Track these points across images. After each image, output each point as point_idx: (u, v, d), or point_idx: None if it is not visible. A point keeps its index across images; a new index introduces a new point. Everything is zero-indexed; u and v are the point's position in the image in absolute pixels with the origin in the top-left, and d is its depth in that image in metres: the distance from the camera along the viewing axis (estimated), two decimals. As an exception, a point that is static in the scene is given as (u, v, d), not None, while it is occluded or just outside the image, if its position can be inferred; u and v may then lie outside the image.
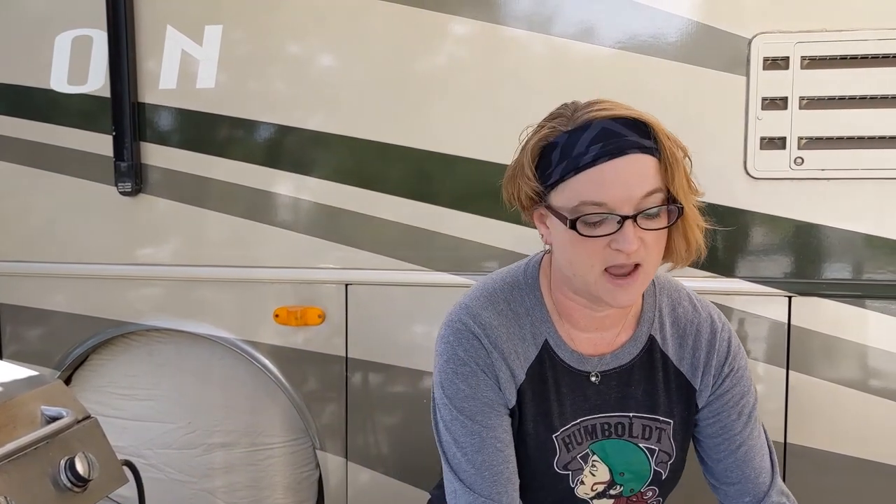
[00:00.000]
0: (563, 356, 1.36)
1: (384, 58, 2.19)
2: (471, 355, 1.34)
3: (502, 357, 1.34)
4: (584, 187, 1.20)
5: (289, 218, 2.28)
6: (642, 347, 1.38)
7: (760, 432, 1.45)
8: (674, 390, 1.39)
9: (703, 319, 1.40)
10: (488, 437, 1.34)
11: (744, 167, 2.00)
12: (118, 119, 2.32)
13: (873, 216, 1.97)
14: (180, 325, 2.38)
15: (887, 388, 2.00)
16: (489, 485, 1.33)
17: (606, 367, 1.37)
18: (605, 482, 1.40)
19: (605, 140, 1.19)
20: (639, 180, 1.19)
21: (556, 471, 1.37)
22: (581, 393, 1.36)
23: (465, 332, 1.34)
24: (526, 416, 1.36)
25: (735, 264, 2.03)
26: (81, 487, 1.35)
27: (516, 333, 1.35)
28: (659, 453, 1.39)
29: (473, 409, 1.34)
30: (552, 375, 1.36)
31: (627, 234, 1.18)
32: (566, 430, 1.37)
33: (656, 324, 1.39)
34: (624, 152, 1.19)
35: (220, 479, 2.45)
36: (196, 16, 2.29)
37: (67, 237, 2.43)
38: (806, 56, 1.95)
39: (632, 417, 1.38)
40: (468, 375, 1.34)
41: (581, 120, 1.22)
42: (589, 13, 2.07)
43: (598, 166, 1.19)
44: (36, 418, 1.39)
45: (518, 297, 1.37)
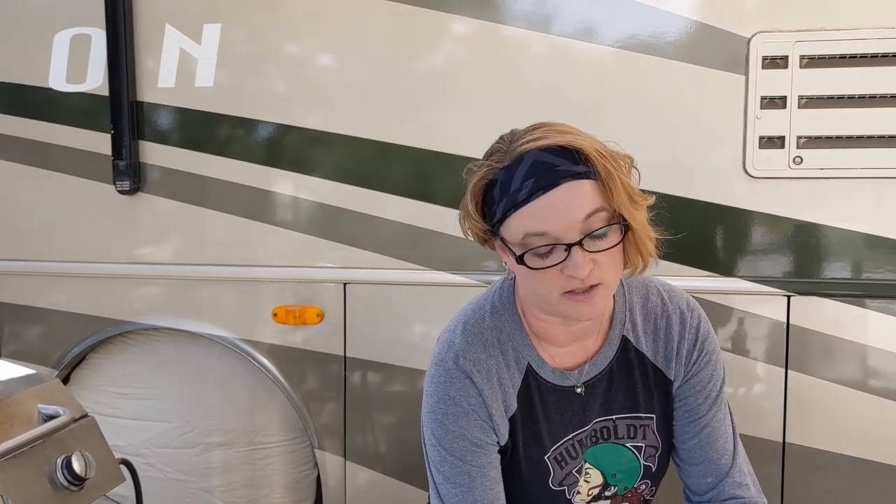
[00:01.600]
0: (546, 376, 1.38)
1: (383, 57, 2.19)
2: (463, 395, 1.34)
3: (493, 391, 1.35)
4: (524, 222, 1.21)
5: (288, 217, 2.28)
6: (616, 349, 1.40)
7: (726, 414, 1.47)
8: (652, 386, 1.41)
9: (672, 310, 1.42)
10: (478, 475, 1.35)
11: (742, 166, 2.00)
12: (117, 118, 2.32)
13: (872, 215, 1.96)
14: (179, 324, 2.38)
15: (886, 387, 2.00)
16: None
17: (587, 377, 1.39)
18: (599, 485, 1.42)
19: (537, 174, 1.20)
20: (576, 207, 1.20)
21: (552, 489, 1.40)
22: (568, 408, 1.38)
23: (457, 373, 1.35)
24: (518, 443, 1.38)
25: (734, 264, 2.03)
26: (78, 486, 1.34)
27: (503, 363, 1.36)
28: (646, 448, 1.42)
29: (463, 450, 1.35)
30: (538, 397, 1.38)
31: (577, 260, 1.19)
32: (557, 449, 1.39)
33: (628, 324, 1.41)
34: (556, 183, 1.20)
35: (218, 478, 2.45)
36: (195, 14, 2.28)
37: (65, 236, 2.43)
38: (805, 55, 1.95)
39: (615, 420, 1.40)
40: (459, 416, 1.35)
41: (514, 154, 1.23)
42: (588, 12, 2.06)
43: (533, 202, 1.20)
44: (33, 417, 1.39)
45: (499, 323, 1.38)
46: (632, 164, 1.28)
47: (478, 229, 1.29)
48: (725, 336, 2.06)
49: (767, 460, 2.05)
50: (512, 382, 1.36)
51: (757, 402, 2.06)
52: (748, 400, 2.07)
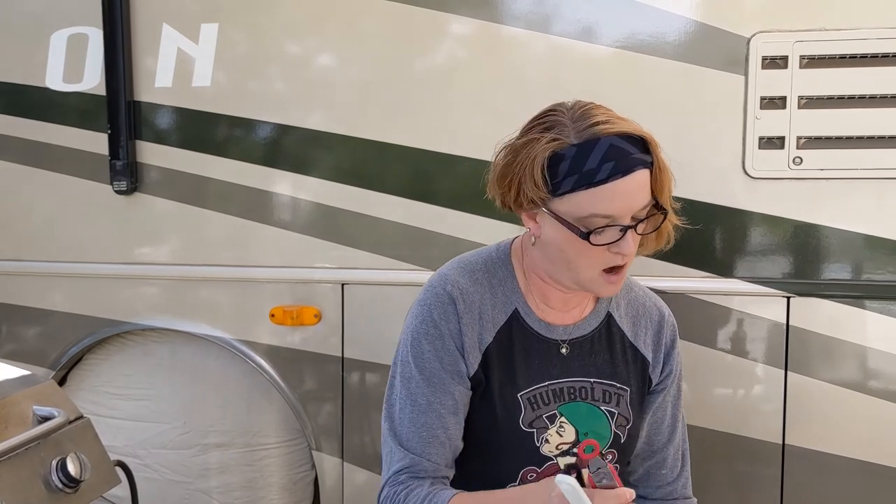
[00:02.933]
0: (532, 324, 1.48)
1: (382, 57, 2.18)
2: (443, 319, 1.44)
3: (472, 321, 1.44)
4: (595, 201, 1.30)
5: (285, 217, 2.27)
6: (601, 321, 1.52)
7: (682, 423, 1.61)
8: (630, 362, 1.52)
9: (650, 305, 1.57)
10: (435, 401, 1.43)
11: (742, 167, 2.00)
12: (114, 117, 2.31)
13: (872, 216, 1.96)
14: (176, 325, 2.37)
15: (886, 389, 1.99)
16: (423, 444, 1.43)
17: (571, 337, 1.50)
18: (571, 442, 1.48)
19: (616, 158, 1.30)
20: (641, 195, 1.33)
21: (521, 428, 1.45)
22: (548, 359, 1.48)
23: (444, 296, 1.45)
24: (492, 377, 1.46)
25: (733, 264, 2.03)
26: (73, 488, 1.33)
27: (489, 300, 1.46)
28: (618, 417, 1.50)
29: (431, 372, 1.44)
30: (520, 341, 1.47)
31: (629, 241, 1.33)
32: (532, 391, 1.47)
33: (613, 303, 1.54)
34: (632, 170, 1.31)
35: (215, 479, 2.44)
36: (192, 14, 2.28)
37: (62, 236, 2.42)
38: (805, 55, 1.94)
39: (593, 382, 1.49)
40: (435, 338, 1.44)
41: (588, 134, 1.31)
42: (588, 12, 2.06)
43: (610, 183, 1.30)
44: (27, 418, 1.38)
45: (492, 269, 1.50)
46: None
47: (534, 194, 1.34)
48: (725, 337, 2.06)
49: (767, 462, 2.05)
50: (493, 320, 1.46)
51: (757, 403, 2.06)
52: (748, 401, 2.07)
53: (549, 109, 1.39)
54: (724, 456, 2.09)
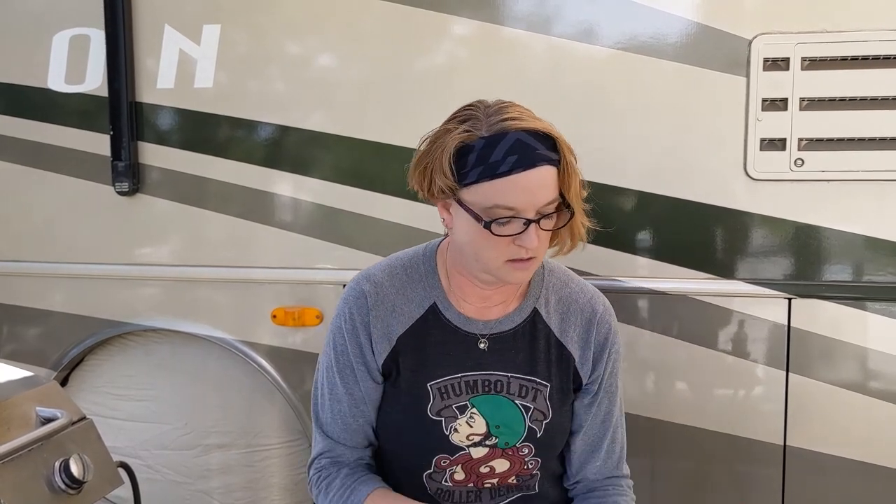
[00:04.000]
0: (450, 317, 1.52)
1: (383, 57, 2.18)
2: (356, 312, 1.51)
3: (383, 314, 1.51)
4: (497, 192, 1.35)
5: (287, 218, 2.28)
6: (526, 318, 1.54)
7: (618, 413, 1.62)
8: (553, 358, 1.54)
9: (584, 302, 1.57)
10: (348, 390, 1.53)
11: (744, 168, 2.00)
12: (116, 118, 2.32)
13: (874, 218, 1.96)
14: (177, 326, 2.37)
15: (888, 390, 2.00)
16: (339, 430, 1.55)
17: (491, 332, 1.53)
18: (482, 434, 1.51)
19: (520, 152, 1.35)
20: (544, 190, 1.37)
21: (429, 416, 1.50)
22: (465, 352, 1.51)
23: (357, 291, 1.52)
24: (404, 366, 1.51)
25: (735, 266, 2.03)
26: (76, 489, 1.34)
27: (404, 295, 1.52)
28: (534, 411, 1.52)
29: (344, 363, 1.52)
30: (437, 333, 1.51)
31: (531, 234, 1.36)
32: (443, 381, 1.51)
33: (542, 299, 1.55)
34: (535, 164, 1.35)
35: (216, 480, 2.44)
36: (194, 15, 2.28)
37: (64, 237, 2.43)
38: (806, 57, 1.94)
39: (510, 377, 1.52)
40: (348, 332, 1.52)
41: (496, 128, 1.37)
42: (589, 14, 2.06)
43: (512, 176, 1.34)
44: (30, 419, 1.38)
45: (414, 265, 1.55)
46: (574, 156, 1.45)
47: (444, 184, 1.40)
48: (726, 339, 2.06)
49: (768, 463, 2.05)
50: (409, 313, 1.51)
51: (758, 404, 2.06)
52: (749, 403, 2.07)
53: (468, 104, 1.44)
54: (726, 457, 2.09)
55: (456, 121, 1.42)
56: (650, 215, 2.06)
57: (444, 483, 1.56)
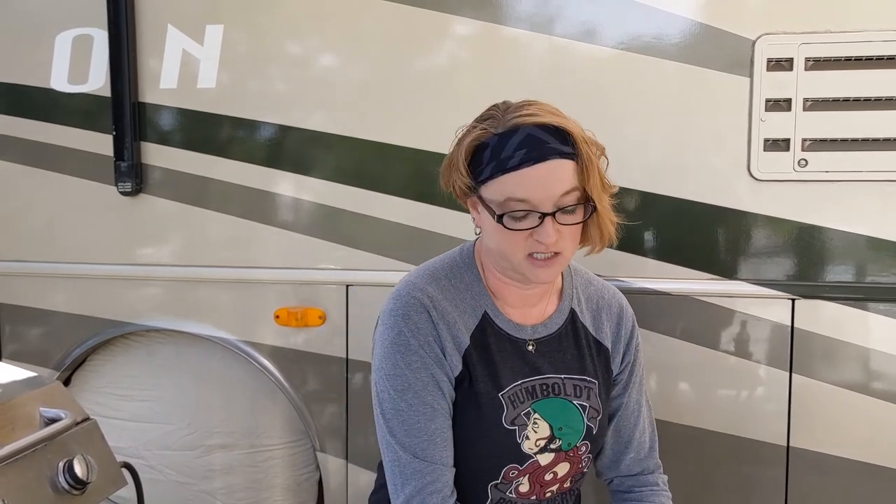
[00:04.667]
0: (502, 325, 1.52)
1: (385, 57, 2.18)
2: (420, 326, 1.46)
3: (447, 327, 1.48)
4: (510, 186, 1.37)
5: (289, 218, 2.27)
6: (566, 318, 1.56)
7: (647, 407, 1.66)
8: (594, 355, 1.58)
9: (609, 298, 1.62)
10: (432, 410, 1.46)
11: (747, 169, 1.99)
12: (118, 119, 2.32)
13: (877, 218, 1.96)
14: (180, 326, 2.37)
15: (892, 391, 1.99)
16: (440, 449, 1.47)
17: (538, 336, 1.54)
18: (546, 437, 1.51)
19: (530, 146, 1.36)
20: (557, 182, 1.37)
21: (504, 426, 1.49)
22: (519, 358, 1.52)
23: (416, 305, 1.47)
24: (476, 377, 1.49)
25: (738, 266, 2.02)
26: (80, 490, 1.34)
27: (458, 306, 1.50)
28: (589, 409, 1.55)
29: (425, 380, 1.46)
30: (495, 341, 1.51)
31: (547, 228, 1.37)
32: (511, 389, 1.50)
33: (575, 299, 1.59)
34: (545, 158, 1.36)
35: (219, 480, 2.44)
36: (197, 15, 2.28)
37: (67, 237, 2.43)
38: (810, 57, 1.94)
39: (564, 378, 1.53)
40: (423, 346, 1.46)
41: (510, 124, 1.38)
42: (592, 14, 2.06)
43: (522, 170, 1.36)
44: (34, 420, 1.38)
45: (458, 274, 1.53)
46: (603, 152, 1.44)
47: (462, 183, 1.43)
48: (729, 339, 2.05)
49: (772, 464, 2.05)
50: (465, 324, 1.49)
51: (761, 405, 2.06)
52: (752, 403, 2.06)
53: (493, 105, 1.46)
54: (729, 458, 2.08)
55: (477, 120, 1.45)
56: (653, 216, 2.06)
57: (509, 494, 1.54)
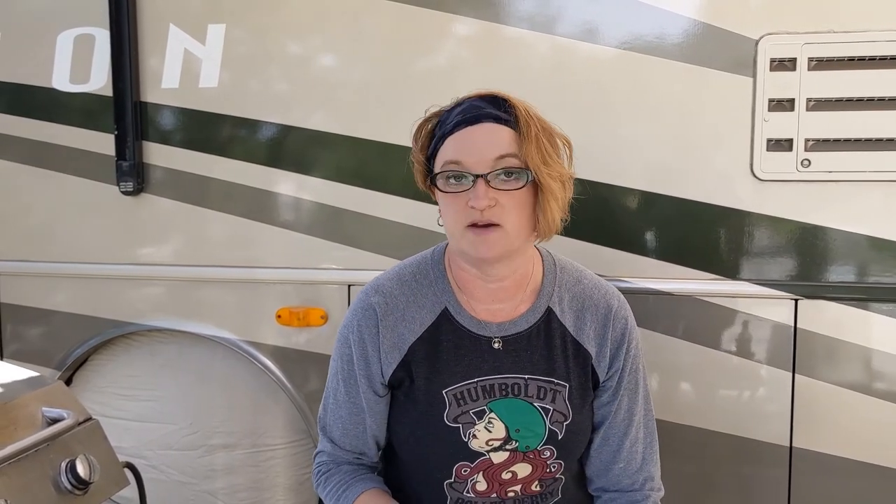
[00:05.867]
0: (462, 321, 1.50)
1: (387, 57, 2.18)
2: (363, 325, 1.51)
3: (393, 324, 1.50)
4: (446, 151, 1.40)
5: (291, 218, 2.27)
6: (539, 317, 1.51)
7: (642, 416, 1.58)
8: (571, 357, 1.51)
9: (598, 298, 1.54)
10: (350, 399, 1.54)
11: (750, 169, 1.99)
12: (120, 118, 2.31)
13: (880, 219, 1.95)
14: (182, 326, 2.37)
15: (894, 391, 1.99)
16: (340, 434, 1.57)
17: (505, 333, 1.50)
18: (501, 438, 1.49)
19: (466, 111, 1.41)
20: (490, 145, 1.38)
21: (446, 423, 1.48)
22: (479, 355, 1.49)
23: (366, 303, 1.52)
24: (418, 375, 1.49)
25: (741, 267, 2.02)
26: (82, 490, 1.34)
27: (414, 301, 1.51)
28: (553, 413, 1.50)
29: (348, 373, 1.53)
30: (450, 338, 1.49)
31: (479, 190, 1.36)
32: (458, 387, 1.48)
33: (555, 297, 1.53)
34: (479, 120, 1.39)
35: (221, 480, 2.44)
36: (199, 14, 2.28)
37: (69, 236, 2.42)
38: (813, 57, 1.94)
39: (527, 379, 1.49)
40: (355, 343, 1.51)
41: (457, 101, 1.45)
42: (594, 14, 2.06)
43: (457, 132, 1.40)
44: (37, 420, 1.38)
45: (424, 270, 1.54)
46: (566, 142, 1.46)
47: (418, 164, 1.47)
48: (732, 339, 2.05)
49: (774, 464, 2.05)
50: (420, 320, 1.50)
51: (764, 405, 2.05)
52: (755, 404, 2.06)
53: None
54: (731, 458, 2.08)
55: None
56: (656, 216, 2.05)
57: (467, 494, 1.53)
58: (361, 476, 1.55)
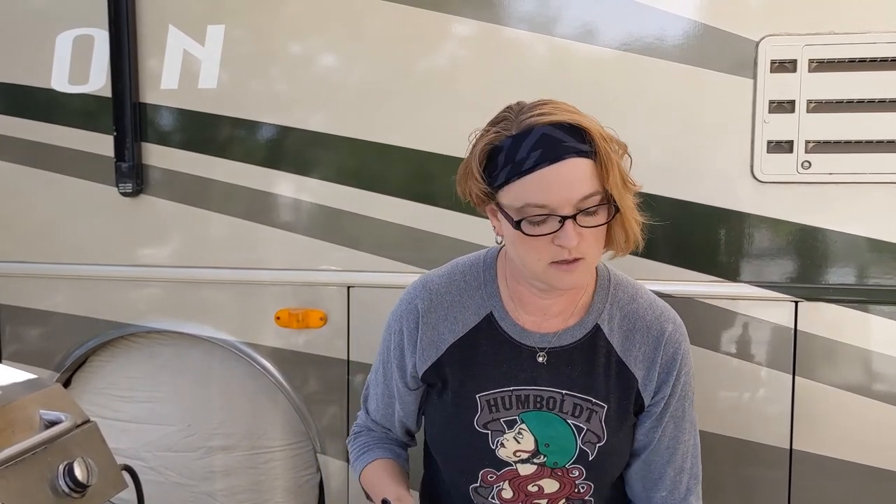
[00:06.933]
0: (506, 328, 1.47)
1: (386, 58, 2.18)
2: (404, 319, 1.52)
3: (435, 321, 1.49)
4: (527, 190, 1.31)
5: (290, 219, 2.27)
6: (586, 333, 1.47)
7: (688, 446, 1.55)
8: (613, 377, 1.47)
9: (651, 319, 1.49)
10: (386, 385, 1.59)
11: (750, 171, 1.99)
12: (119, 119, 2.31)
13: (881, 220, 1.95)
14: (181, 327, 2.37)
15: (895, 393, 1.98)
16: (375, 412, 1.63)
17: (548, 345, 1.47)
18: (530, 451, 1.47)
19: (545, 146, 1.30)
20: (577, 183, 1.31)
21: (475, 428, 1.47)
22: (518, 364, 1.46)
23: (412, 296, 1.52)
24: (452, 376, 1.48)
25: (741, 268, 2.02)
26: (80, 493, 1.33)
27: (460, 302, 1.49)
28: (587, 433, 1.46)
29: (387, 359, 1.57)
30: (490, 343, 1.47)
31: (568, 232, 1.30)
32: (493, 394, 1.47)
33: (605, 315, 1.48)
34: (561, 158, 1.30)
35: (220, 482, 2.44)
36: (198, 15, 2.27)
37: (68, 238, 2.42)
38: (814, 59, 1.93)
39: (564, 394, 1.46)
40: (395, 334, 1.54)
41: (523, 125, 1.33)
42: (594, 15, 2.05)
43: (538, 171, 1.30)
44: (34, 423, 1.38)
45: (474, 272, 1.51)
46: (625, 150, 1.39)
47: (478, 190, 1.38)
48: (732, 342, 2.05)
49: (774, 467, 2.04)
50: (463, 322, 1.48)
51: (764, 408, 2.05)
52: (755, 406, 2.06)
53: (507, 106, 1.41)
54: (731, 460, 2.07)
55: (491, 123, 1.40)
56: (655, 218, 2.04)
57: (492, 500, 1.52)
58: (383, 444, 1.61)
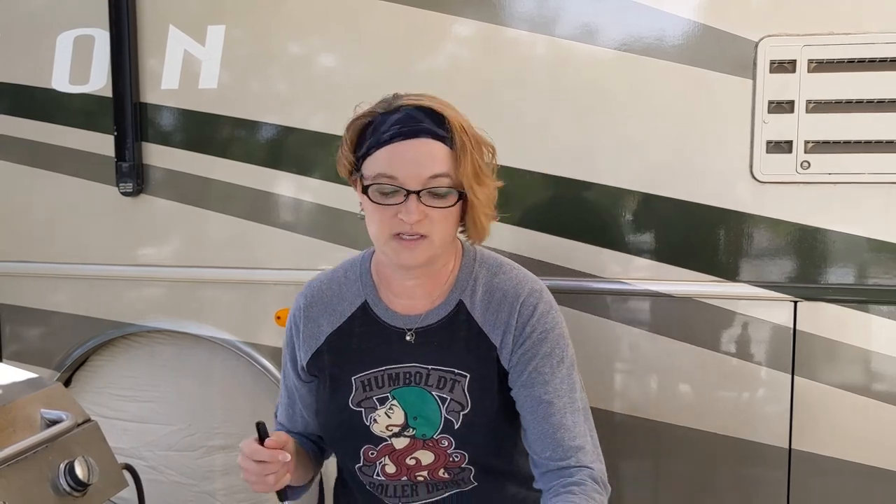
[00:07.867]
0: (378, 313, 1.56)
1: (386, 58, 2.18)
2: (293, 316, 1.64)
3: (316, 315, 1.60)
4: (381, 161, 1.41)
5: (291, 219, 2.27)
6: (451, 310, 1.54)
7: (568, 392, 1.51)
8: (474, 347, 1.53)
9: (511, 287, 1.54)
10: (284, 382, 1.71)
11: (750, 171, 1.99)
12: (120, 119, 2.31)
13: (880, 220, 1.95)
14: (181, 327, 2.37)
15: (893, 393, 1.99)
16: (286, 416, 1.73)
17: (416, 326, 1.55)
18: (400, 425, 1.55)
19: (405, 123, 1.41)
20: (427, 161, 1.40)
21: (350, 406, 1.55)
22: (389, 345, 1.55)
23: (298, 296, 1.64)
24: (330, 363, 1.58)
25: (740, 268, 2.02)
26: (81, 492, 1.34)
27: (339, 295, 1.60)
28: (451, 402, 1.53)
29: (286, 358, 1.67)
30: (364, 329, 1.57)
31: (410, 207, 1.39)
32: (367, 374, 1.55)
33: (468, 291, 1.55)
34: (416, 135, 1.40)
35: (220, 481, 2.44)
36: (198, 15, 2.28)
37: (68, 237, 2.42)
38: (813, 59, 1.94)
39: (430, 369, 1.54)
40: (286, 331, 1.65)
41: (393, 106, 1.44)
42: (594, 15, 2.05)
43: (394, 143, 1.40)
44: (35, 422, 1.38)
45: (353, 266, 1.62)
46: (493, 152, 1.48)
47: (346, 160, 1.48)
48: (732, 341, 2.05)
49: (773, 466, 2.05)
50: (340, 312, 1.58)
51: (763, 408, 2.05)
52: (754, 406, 2.06)
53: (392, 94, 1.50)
54: (731, 460, 2.08)
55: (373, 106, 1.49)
56: (655, 217, 2.05)
57: (377, 477, 1.58)
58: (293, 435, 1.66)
